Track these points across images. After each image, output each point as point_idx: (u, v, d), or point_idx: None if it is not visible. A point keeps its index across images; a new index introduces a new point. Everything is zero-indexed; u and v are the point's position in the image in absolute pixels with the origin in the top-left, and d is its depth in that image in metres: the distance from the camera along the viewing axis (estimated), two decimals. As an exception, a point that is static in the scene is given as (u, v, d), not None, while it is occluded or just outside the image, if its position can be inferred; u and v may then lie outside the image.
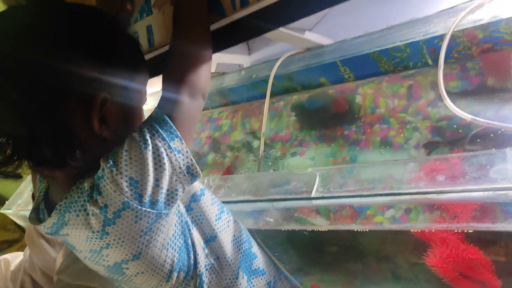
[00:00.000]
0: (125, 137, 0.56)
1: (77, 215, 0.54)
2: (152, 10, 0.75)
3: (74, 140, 0.53)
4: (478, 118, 0.69)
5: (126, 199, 0.52)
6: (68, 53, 0.52)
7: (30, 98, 0.50)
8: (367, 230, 0.71)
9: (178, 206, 0.65)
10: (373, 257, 0.94)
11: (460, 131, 0.81)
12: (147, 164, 0.52)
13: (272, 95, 1.17)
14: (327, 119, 1.07)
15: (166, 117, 0.54)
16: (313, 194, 0.70)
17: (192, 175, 0.56)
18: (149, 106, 1.43)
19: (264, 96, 1.09)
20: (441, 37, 0.81)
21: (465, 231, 0.70)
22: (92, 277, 0.81)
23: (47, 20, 0.53)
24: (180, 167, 0.54)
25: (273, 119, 1.18)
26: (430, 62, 0.89)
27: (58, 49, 0.52)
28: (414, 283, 0.92)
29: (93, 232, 0.55)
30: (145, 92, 0.64)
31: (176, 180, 0.55)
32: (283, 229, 0.91)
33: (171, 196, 0.55)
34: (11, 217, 1.35)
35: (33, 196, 0.93)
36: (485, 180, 0.55)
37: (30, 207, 0.63)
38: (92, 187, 0.53)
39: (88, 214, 0.53)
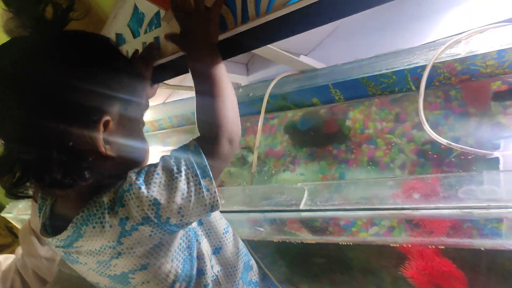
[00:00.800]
0: (129, 154, 0.62)
1: (94, 227, 0.58)
2: (161, 23, 0.81)
3: (82, 162, 0.56)
4: (452, 143, 0.76)
5: (146, 215, 0.56)
6: (71, 80, 0.55)
7: (36, 121, 0.53)
8: (350, 243, 0.77)
9: None
10: (359, 270, 1.00)
11: (440, 154, 0.88)
12: (175, 193, 0.56)
13: (267, 112, 1.23)
14: (318, 139, 1.14)
15: (204, 156, 0.59)
16: (301, 207, 0.76)
17: (212, 208, 0.60)
18: (158, 115, 1.49)
19: (259, 113, 1.16)
20: (423, 67, 0.88)
21: (439, 246, 0.77)
22: None
23: (50, 49, 0.57)
24: (205, 204, 0.59)
25: (268, 137, 1.24)
26: (413, 88, 0.97)
27: (63, 76, 0.55)
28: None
29: (107, 241, 0.58)
30: (148, 105, 0.69)
31: (196, 213, 0.59)
32: (274, 240, 0.97)
33: (186, 223, 0.60)
34: (12, 221, 1.39)
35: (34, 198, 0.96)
36: (453, 199, 0.61)
37: (29, 211, 0.65)
38: (112, 200, 0.57)
39: (103, 226, 0.57)
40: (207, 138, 0.61)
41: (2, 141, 0.57)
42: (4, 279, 1.05)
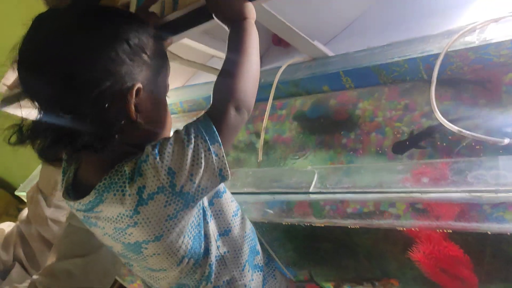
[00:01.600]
0: (155, 124, 0.64)
1: (114, 195, 0.60)
2: None
3: (113, 127, 0.59)
4: (463, 130, 0.76)
5: (161, 184, 0.59)
6: (108, 49, 0.58)
7: (73, 89, 0.57)
8: (357, 226, 0.78)
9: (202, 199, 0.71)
10: (365, 255, 1.02)
11: (449, 145, 0.88)
12: (186, 159, 0.59)
13: (277, 98, 1.24)
14: (327, 126, 1.15)
15: (211, 123, 0.61)
16: (311, 189, 0.77)
17: (222, 176, 0.63)
18: (170, 100, 1.51)
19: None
20: (436, 56, 0.89)
21: (448, 230, 0.78)
22: None
23: (88, 20, 0.60)
24: (214, 168, 0.61)
25: (276, 123, 1.25)
26: (425, 77, 0.97)
27: (99, 45, 0.58)
28: (402, 280, 0.99)
29: (125, 210, 0.60)
30: (168, 85, 0.71)
31: (207, 179, 0.61)
32: (282, 223, 0.99)
33: (200, 191, 0.62)
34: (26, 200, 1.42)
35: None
36: (462, 183, 0.62)
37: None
38: (133, 171, 0.59)
39: (124, 194, 0.59)
40: (215, 106, 0.63)
41: (37, 104, 0.60)
42: (7, 244, 1.06)
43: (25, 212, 1.11)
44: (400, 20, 1.07)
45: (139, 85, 0.61)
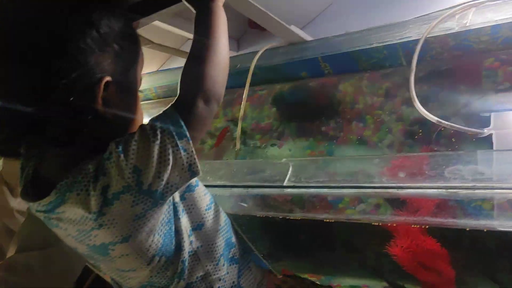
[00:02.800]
0: (124, 120, 0.60)
1: (78, 194, 0.56)
2: None
3: (80, 121, 0.55)
4: (442, 121, 0.74)
5: (127, 183, 0.55)
6: (77, 37, 0.53)
7: (37, 79, 0.52)
8: (332, 220, 0.76)
9: None
10: (342, 247, 1.00)
11: (429, 135, 0.86)
12: (152, 157, 0.55)
13: (255, 85, 1.20)
14: (307, 113, 1.11)
15: (179, 117, 0.57)
16: (285, 183, 0.74)
17: (192, 172, 0.59)
18: (144, 85, 1.45)
19: (246, 85, 1.12)
20: (416, 42, 0.85)
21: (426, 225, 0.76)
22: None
23: (56, 5, 0.54)
24: (182, 164, 0.57)
25: (255, 110, 1.21)
26: (404, 63, 0.94)
27: (68, 32, 0.53)
28: (379, 273, 0.98)
29: (89, 212, 0.57)
30: (141, 78, 0.66)
31: (177, 175, 0.58)
32: (257, 215, 0.96)
33: (169, 188, 0.58)
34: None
35: None
36: (439, 178, 0.60)
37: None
38: (97, 170, 0.56)
39: (89, 194, 0.56)
40: (182, 98, 0.60)
41: None
42: None
43: None
44: (378, 3, 1.03)
45: (108, 78, 0.56)
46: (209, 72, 0.59)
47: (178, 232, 0.69)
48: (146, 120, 0.60)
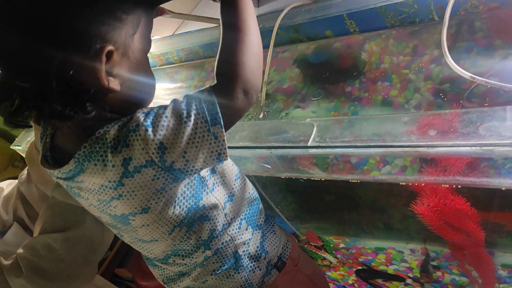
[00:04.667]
0: (134, 90, 0.58)
1: (95, 164, 0.56)
2: None
3: (83, 94, 0.53)
4: (476, 77, 0.70)
5: (150, 158, 0.54)
6: (71, 8, 0.51)
7: (36, 50, 0.51)
8: (358, 181, 0.75)
9: None
10: (367, 208, 0.99)
11: (459, 95, 0.82)
12: (182, 137, 0.53)
13: (278, 45, 1.17)
14: (331, 74, 1.08)
15: (216, 103, 0.55)
16: (309, 143, 0.73)
17: (219, 159, 0.57)
18: (165, 48, 1.44)
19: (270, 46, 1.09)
20: (449, -7, 0.80)
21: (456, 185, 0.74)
22: None
23: None
24: (211, 151, 0.56)
25: (278, 71, 1.19)
26: (436, 18, 0.89)
27: (61, 3, 0.51)
28: (404, 234, 0.97)
29: (109, 181, 0.56)
30: (150, 41, 0.63)
31: (203, 160, 0.56)
32: (282, 177, 0.95)
33: (192, 169, 0.57)
34: (21, 153, 1.39)
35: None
36: (473, 136, 0.57)
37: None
38: (116, 139, 0.54)
39: (106, 164, 0.55)
40: (222, 85, 0.57)
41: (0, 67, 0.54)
42: (6, 204, 1.04)
43: (25, 172, 1.08)
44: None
45: (110, 47, 0.54)
46: (246, 62, 0.57)
47: (212, 206, 0.69)
48: (164, 85, 0.57)
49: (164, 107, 0.55)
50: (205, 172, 0.69)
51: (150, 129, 0.53)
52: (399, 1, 0.88)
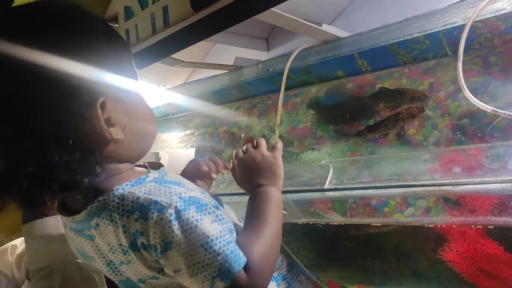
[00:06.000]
0: (137, 131, 0.57)
1: (108, 224, 0.53)
2: None
3: (89, 157, 0.51)
4: (499, 110, 0.67)
5: (155, 245, 0.51)
6: (51, 66, 0.47)
7: (29, 128, 0.47)
8: (379, 224, 0.70)
9: None
10: (392, 254, 0.93)
11: (481, 130, 0.78)
12: (188, 260, 0.50)
13: (289, 88, 1.16)
14: (345, 114, 1.06)
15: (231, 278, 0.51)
16: (326, 186, 0.69)
17: None
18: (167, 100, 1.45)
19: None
20: (461, 28, 0.79)
21: (486, 226, 0.68)
22: None
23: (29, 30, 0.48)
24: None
25: (291, 114, 1.17)
26: (449, 53, 0.87)
27: (41, 64, 0.47)
28: (434, 281, 0.90)
29: (119, 244, 0.53)
30: (136, 73, 0.59)
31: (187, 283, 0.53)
32: (299, 223, 0.91)
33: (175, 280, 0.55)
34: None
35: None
36: (502, 171, 0.53)
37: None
38: (136, 205, 0.51)
39: (118, 227, 0.52)
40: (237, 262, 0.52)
41: None
42: (19, 263, 1.01)
43: None
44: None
45: (102, 98, 0.51)
46: (259, 251, 0.55)
47: None
48: (176, 134, 0.55)
49: (201, 213, 0.52)
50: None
51: (173, 226, 0.49)
52: (410, 37, 0.87)
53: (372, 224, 0.80)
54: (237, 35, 1.17)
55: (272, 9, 0.80)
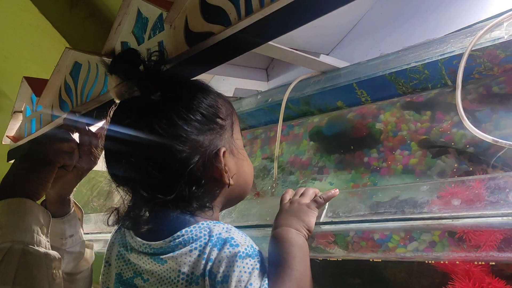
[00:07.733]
0: (241, 181, 0.68)
1: (190, 251, 0.58)
2: (164, 26, 0.77)
3: (208, 193, 0.63)
4: (500, 140, 0.64)
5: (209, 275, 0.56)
6: (190, 129, 0.60)
7: (165, 174, 0.59)
8: (380, 260, 0.67)
9: None
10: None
11: (486, 159, 0.76)
12: None
13: (289, 119, 1.15)
14: (347, 145, 1.04)
15: None
16: (321, 219, 0.66)
17: None
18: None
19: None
20: (459, 57, 0.77)
21: (490, 263, 0.65)
22: None
23: (161, 106, 0.61)
24: None
25: (292, 144, 1.16)
26: (449, 82, 0.86)
27: (182, 127, 0.60)
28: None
29: (192, 273, 0.57)
30: (242, 135, 0.72)
31: None
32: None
33: None
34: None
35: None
36: (503, 204, 0.50)
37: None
38: (223, 241, 0.57)
39: (200, 256, 0.57)
40: None
41: (130, 191, 0.64)
42: None
43: None
44: (411, 17, 0.96)
45: (223, 149, 0.63)
46: None
47: None
48: None
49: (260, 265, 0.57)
50: None
51: (236, 261, 0.55)
52: (408, 67, 0.86)
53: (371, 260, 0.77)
54: (236, 66, 1.17)
55: (270, 43, 0.81)
